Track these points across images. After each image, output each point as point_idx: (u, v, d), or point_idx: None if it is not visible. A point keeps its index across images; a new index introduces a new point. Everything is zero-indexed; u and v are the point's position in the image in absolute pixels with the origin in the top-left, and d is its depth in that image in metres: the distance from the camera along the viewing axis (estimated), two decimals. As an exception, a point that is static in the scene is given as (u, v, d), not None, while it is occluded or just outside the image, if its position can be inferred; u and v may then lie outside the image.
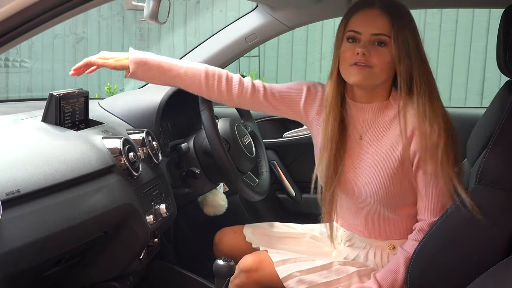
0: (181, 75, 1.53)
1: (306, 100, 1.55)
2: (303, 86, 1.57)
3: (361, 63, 1.35)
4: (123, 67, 1.51)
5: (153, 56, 1.53)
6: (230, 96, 1.56)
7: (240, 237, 1.69)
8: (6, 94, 5.49)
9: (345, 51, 1.39)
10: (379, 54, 1.36)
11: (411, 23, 1.39)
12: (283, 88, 1.58)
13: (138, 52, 1.53)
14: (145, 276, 1.73)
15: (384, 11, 1.36)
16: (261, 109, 1.60)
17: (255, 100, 1.57)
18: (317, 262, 1.50)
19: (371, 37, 1.36)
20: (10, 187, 1.04)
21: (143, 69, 1.51)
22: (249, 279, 1.51)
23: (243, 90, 1.56)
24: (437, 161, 1.34)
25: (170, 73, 1.53)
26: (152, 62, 1.52)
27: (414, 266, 1.38)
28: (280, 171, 2.24)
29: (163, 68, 1.52)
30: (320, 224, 1.65)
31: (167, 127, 1.91)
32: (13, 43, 0.94)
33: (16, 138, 1.26)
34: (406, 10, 1.40)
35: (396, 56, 1.35)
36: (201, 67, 1.56)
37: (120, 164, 1.37)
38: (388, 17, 1.36)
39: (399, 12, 1.37)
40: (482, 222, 1.28)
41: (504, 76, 1.45)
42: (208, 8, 5.17)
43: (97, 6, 1.03)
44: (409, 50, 1.36)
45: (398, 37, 1.35)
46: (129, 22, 5.35)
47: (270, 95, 1.56)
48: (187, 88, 1.57)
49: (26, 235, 1.05)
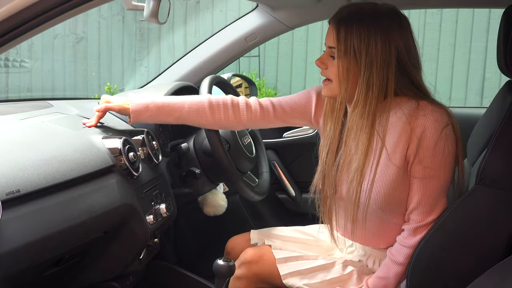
0: (184, 114, 1.52)
1: (316, 109, 1.55)
2: (312, 95, 1.55)
3: (322, 75, 1.40)
4: (126, 113, 1.51)
5: (153, 100, 1.51)
6: (240, 122, 1.56)
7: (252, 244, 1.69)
8: (6, 94, 5.49)
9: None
10: (332, 66, 1.37)
11: (380, 29, 1.31)
12: (292, 101, 1.56)
13: (137, 99, 1.51)
14: (145, 276, 1.73)
15: (334, 23, 1.35)
16: (274, 126, 1.60)
17: (266, 120, 1.56)
18: (319, 262, 1.51)
19: (328, 50, 1.38)
20: (10, 187, 1.04)
21: (145, 115, 1.51)
22: (249, 271, 1.52)
23: (252, 114, 1.55)
24: (432, 160, 1.33)
25: (174, 113, 1.52)
26: (152, 107, 1.50)
27: (414, 267, 1.38)
28: (280, 171, 2.24)
29: (165, 110, 1.51)
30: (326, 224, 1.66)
31: (167, 127, 1.91)
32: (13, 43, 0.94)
33: (16, 138, 1.26)
34: (380, 15, 1.33)
35: (339, 67, 1.34)
36: (204, 99, 1.54)
37: (120, 164, 1.37)
38: (335, 29, 1.34)
39: (349, 20, 1.33)
40: (482, 222, 1.29)
41: (504, 76, 1.45)
42: (208, 8, 5.18)
43: (97, 6, 1.03)
44: (355, 56, 1.32)
45: (341, 48, 1.33)
46: (129, 22, 5.35)
47: (281, 111, 1.55)
48: (195, 124, 1.56)
49: (26, 235, 1.05)
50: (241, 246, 1.67)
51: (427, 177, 1.35)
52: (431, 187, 1.35)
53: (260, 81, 4.96)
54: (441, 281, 1.35)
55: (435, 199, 1.35)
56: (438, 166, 1.34)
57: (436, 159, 1.33)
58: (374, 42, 1.31)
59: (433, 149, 1.33)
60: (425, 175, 1.34)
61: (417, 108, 1.35)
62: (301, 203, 2.25)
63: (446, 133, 1.33)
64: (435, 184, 1.35)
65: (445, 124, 1.34)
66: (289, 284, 1.48)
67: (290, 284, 1.48)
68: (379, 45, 1.31)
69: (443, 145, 1.33)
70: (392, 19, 1.33)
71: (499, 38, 1.41)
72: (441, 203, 1.36)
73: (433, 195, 1.35)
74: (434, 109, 1.35)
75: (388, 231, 1.45)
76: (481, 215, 1.30)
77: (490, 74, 4.63)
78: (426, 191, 1.35)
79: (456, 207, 1.33)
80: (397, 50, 1.32)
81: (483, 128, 1.53)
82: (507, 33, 1.35)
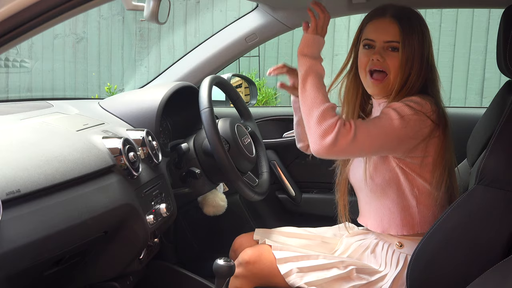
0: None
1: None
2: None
3: (377, 68, 1.47)
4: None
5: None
6: None
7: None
8: (6, 94, 5.49)
9: (362, 57, 1.51)
10: (392, 58, 1.46)
11: (421, 28, 1.47)
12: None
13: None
14: (145, 276, 1.73)
15: (394, 19, 1.46)
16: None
17: None
18: (320, 261, 1.52)
19: (384, 44, 1.46)
20: (10, 187, 1.04)
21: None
22: (247, 270, 1.53)
23: None
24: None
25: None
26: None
27: (414, 266, 1.38)
28: (280, 171, 2.24)
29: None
30: (333, 226, 1.71)
31: (167, 127, 1.91)
32: (13, 43, 0.94)
33: (16, 138, 1.26)
34: (416, 15, 1.49)
35: (403, 59, 1.44)
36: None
37: (120, 164, 1.37)
38: (398, 24, 1.45)
39: (408, 18, 1.46)
40: (482, 222, 1.29)
41: (504, 76, 1.45)
42: (208, 8, 5.18)
43: (97, 6, 1.03)
44: (415, 54, 1.44)
45: (405, 43, 1.44)
46: (129, 22, 5.35)
47: None
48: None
49: (26, 235, 1.05)
50: (249, 244, 1.70)
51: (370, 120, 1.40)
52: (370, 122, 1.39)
53: (260, 81, 4.96)
54: (440, 281, 1.35)
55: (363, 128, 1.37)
56: (379, 125, 1.37)
57: (382, 120, 1.38)
58: (424, 39, 1.46)
59: (384, 111, 1.40)
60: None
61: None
62: (301, 203, 2.25)
63: (406, 104, 1.39)
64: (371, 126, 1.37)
65: (415, 105, 1.39)
66: (291, 282, 1.48)
67: (292, 282, 1.48)
68: (420, 41, 1.46)
69: (394, 112, 1.37)
70: (425, 25, 1.50)
71: (499, 38, 1.41)
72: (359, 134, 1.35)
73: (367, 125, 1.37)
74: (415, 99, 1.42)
75: (390, 215, 1.51)
76: (481, 215, 1.30)
77: (490, 74, 4.63)
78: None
79: (455, 207, 1.33)
80: (429, 52, 1.48)
81: (483, 128, 1.53)
82: (507, 33, 1.35)
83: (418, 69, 1.45)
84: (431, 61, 1.49)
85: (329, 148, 1.32)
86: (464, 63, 4.74)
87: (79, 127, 1.44)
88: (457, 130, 1.54)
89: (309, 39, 1.44)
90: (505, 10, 1.39)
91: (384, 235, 1.54)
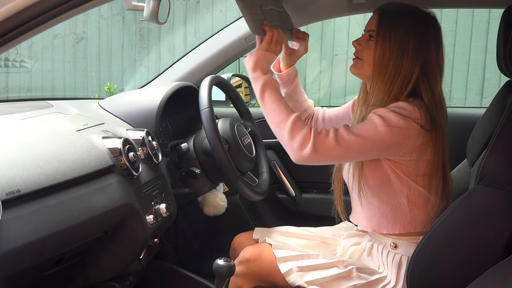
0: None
1: (352, 112, 1.72)
2: (351, 102, 1.75)
3: (354, 55, 1.53)
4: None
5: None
6: None
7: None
8: (6, 94, 5.49)
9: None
10: (369, 47, 1.48)
11: (414, 25, 1.43)
12: (338, 109, 1.78)
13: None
14: (145, 276, 1.73)
15: (378, 11, 1.49)
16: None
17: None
18: (320, 260, 1.52)
19: (366, 34, 1.51)
20: (10, 187, 1.04)
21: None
22: (247, 269, 1.53)
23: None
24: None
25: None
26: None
27: (414, 266, 1.38)
28: (280, 171, 2.24)
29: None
30: (332, 226, 1.71)
31: (167, 127, 1.91)
32: (13, 43, 0.94)
33: (16, 138, 1.26)
34: (413, 14, 1.46)
35: (377, 49, 1.44)
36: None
37: (120, 164, 1.37)
38: (377, 15, 1.47)
39: (395, 12, 1.45)
40: (482, 222, 1.29)
41: (504, 76, 1.45)
42: (208, 8, 5.17)
43: (97, 6, 1.03)
44: (393, 48, 1.42)
45: (380, 33, 1.43)
46: (129, 22, 5.35)
47: (328, 121, 1.77)
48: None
49: (26, 235, 1.05)
50: (248, 243, 1.70)
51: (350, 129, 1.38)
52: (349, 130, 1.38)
53: (260, 81, 4.95)
54: (440, 281, 1.35)
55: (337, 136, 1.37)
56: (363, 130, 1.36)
57: (365, 125, 1.37)
58: (411, 36, 1.41)
59: (369, 116, 1.39)
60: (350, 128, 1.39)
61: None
62: (301, 203, 2.25)
63: (392, 111, 1.37)
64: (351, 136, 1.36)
65: (399, 112, 1.37)
66: (291, 281, 1.49)
67: (292, 281, 1.48)
68: (412, 41, 1.41)
69: (379, 118, 1.36)
70: (430, 24, 1.45)
71: (499, 38, 1.41)
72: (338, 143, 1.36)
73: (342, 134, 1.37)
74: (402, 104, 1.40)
75: (382, 215, 1.51)
76: (481, 215, 1.30)
77: (490, 74, 4.63)
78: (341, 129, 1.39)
79: (455, 207, 1.33)
80: (426, 52, 1.43)
81: (483, 128, 1.53)
82: (507, 33, 1.35)
83: (398, 65, 1.42)
84: (429, 64, 1.44)
85: (310, 156, 1.35)
86: (464, 63, 4.73)
87: (79, 127, 1.44)
88: (457, 130, 1.54)
89: (259, 56, 1.46)
90: (505, 10, 1.39)
91: (377, 235, 1.54)
